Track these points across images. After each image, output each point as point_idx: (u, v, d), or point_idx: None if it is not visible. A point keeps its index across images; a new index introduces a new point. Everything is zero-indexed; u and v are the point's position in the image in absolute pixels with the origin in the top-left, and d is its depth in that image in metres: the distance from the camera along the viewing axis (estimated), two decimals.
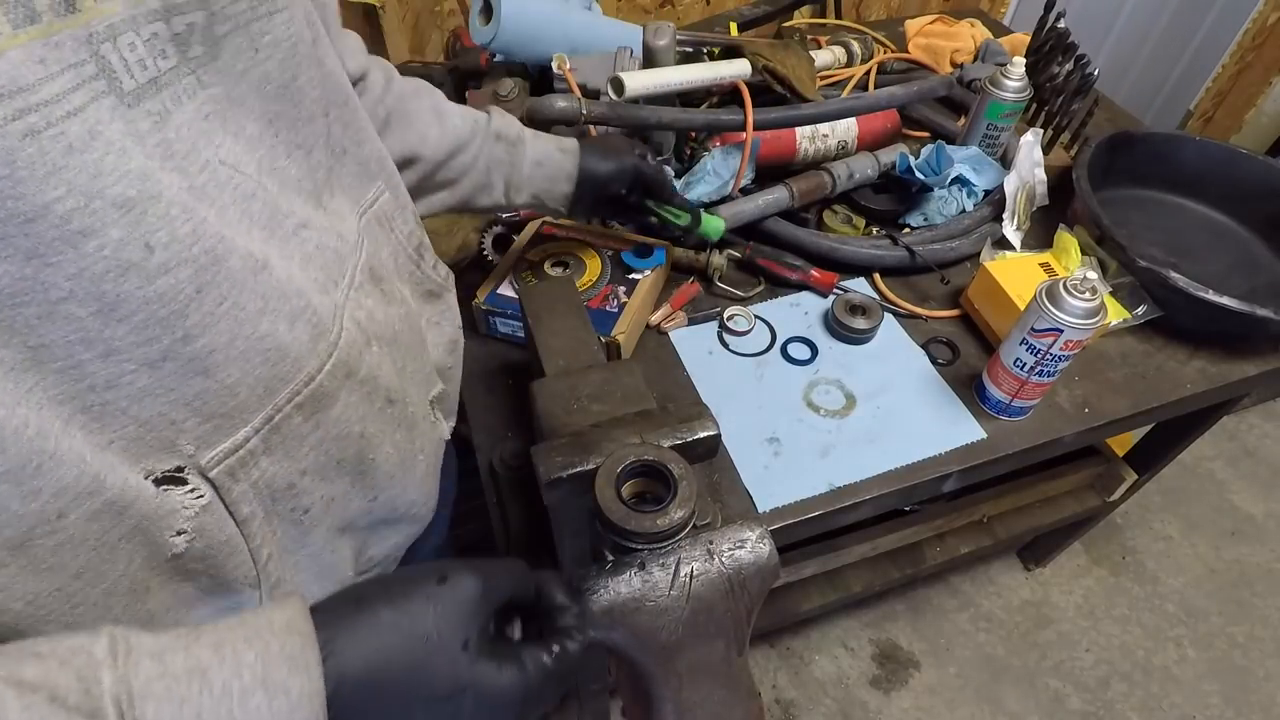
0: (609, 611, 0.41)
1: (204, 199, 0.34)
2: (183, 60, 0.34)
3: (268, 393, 0.38)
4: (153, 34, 0.32)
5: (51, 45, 0.28)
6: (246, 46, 0.37)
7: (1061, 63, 1.04)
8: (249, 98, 0.38)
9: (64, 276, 0.29)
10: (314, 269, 0.42)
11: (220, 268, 0.34)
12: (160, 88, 0.33)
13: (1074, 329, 0.66)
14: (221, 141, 0.36)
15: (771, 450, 0.73)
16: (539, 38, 1.00)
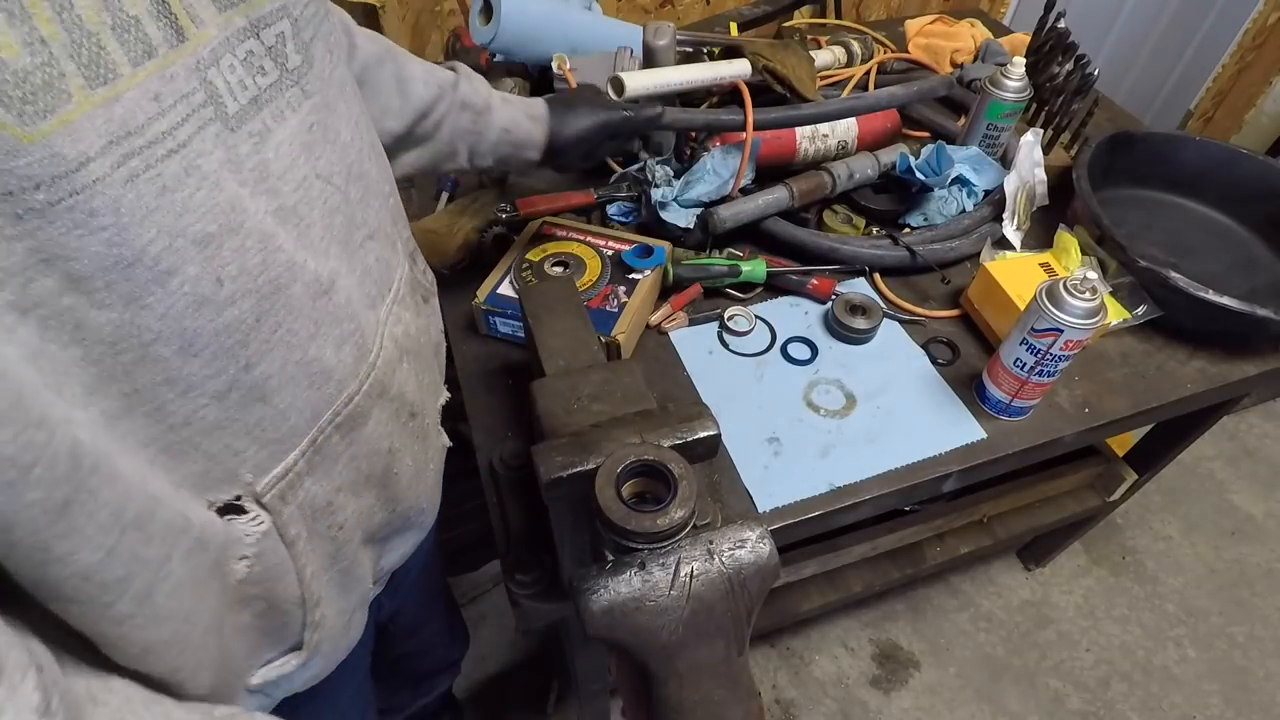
0: (609, 611, 0.41)
1: (289, 220, 0.35)
2: (284, 73, 0.34)
3: (314, 415, 0.39)
4: (248, 52, 0.32)
5: (166, 79, 0.28)
6: (324, 50, 0.37)
7: (1061, 63, 1.04)
8: (338, 102, 0.38)
9: (155, 318, 0.29)
10: (370, 283, 0.43)
11: (280, 295, 0.34)
12: (261, 105, 0.33)
13: (1074, 329, 0.66)
14: (323, 152, 0.36)
15: (771, 450, 0.73)
16: (539, 38, 1.00)
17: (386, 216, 0.46)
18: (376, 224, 0.44)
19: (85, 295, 0.27)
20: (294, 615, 0.42)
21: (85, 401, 0.28)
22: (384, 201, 0.46)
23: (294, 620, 0.42)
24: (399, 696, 0.98)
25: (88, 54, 0.25)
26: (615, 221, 0.92)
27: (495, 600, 1.48)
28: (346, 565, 0.46)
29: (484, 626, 1.44)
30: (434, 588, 0.90)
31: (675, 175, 0.89)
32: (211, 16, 0.30)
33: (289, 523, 0.39)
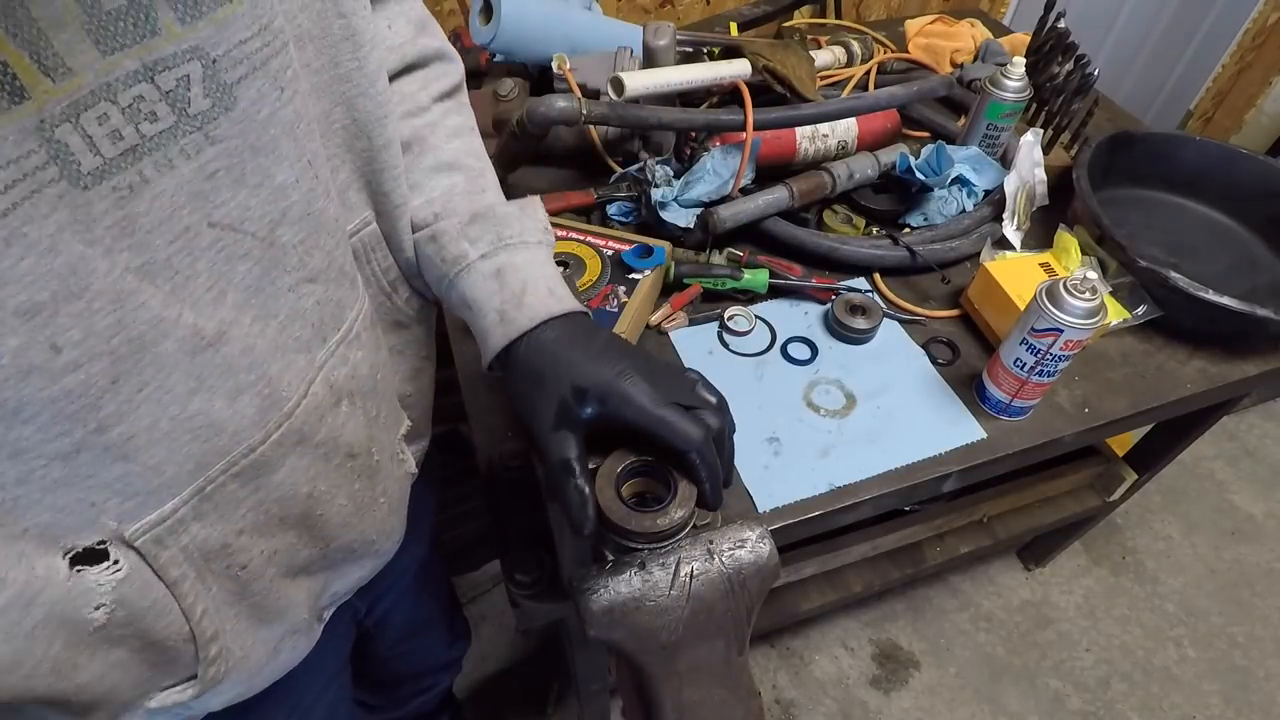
0: (609, 611, 0.41)
1: (161, 274, 0.32)
2: (182, 118, 0.31)
3: (199, 467, 0.37)
4: (136, 98, 0.29)
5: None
6: (270, 88, 0.34)
7: (1061, 63, 1.04)
8: (281, 143, 0.35)
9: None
10: (301, 326, 0.40)
11: (145, 354, 0.32)
12: (139, 156, 0.30)
13: (1074, 329, 0.66)
14: (229, 198, 0.34)
15: (771, 450, 0.73)
16: (539, 38, 1.00)
17: (346, 254, 0.43)
18: (323, 264, 0.40)
19: None
20: (183, 650, 0.40)
21: None
22: (343, 239, 0.43)
23: (184, 654, 0.41)
24: (399, 692, 0.98)
25: None
26: (615, 221, 0.92)
27: (495, 600, 1.48)
28: (260, 599, 0.44)
29: (484, 626, 1.44)
30: (433, 588, 0.90)
31: (675, 175, 0.89)
32: (89, 61, 0.27)
33: (169, 565, 0.37)
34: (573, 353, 0.46)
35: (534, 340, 0.47)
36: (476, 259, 0.49)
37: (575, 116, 0.80)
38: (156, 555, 0.36)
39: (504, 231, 0.50)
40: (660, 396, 0.44)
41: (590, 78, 0.96)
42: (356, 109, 0.43)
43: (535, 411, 0.46)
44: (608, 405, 0.44)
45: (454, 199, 0.52)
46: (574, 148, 0.99)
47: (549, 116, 0.80)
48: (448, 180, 0.52)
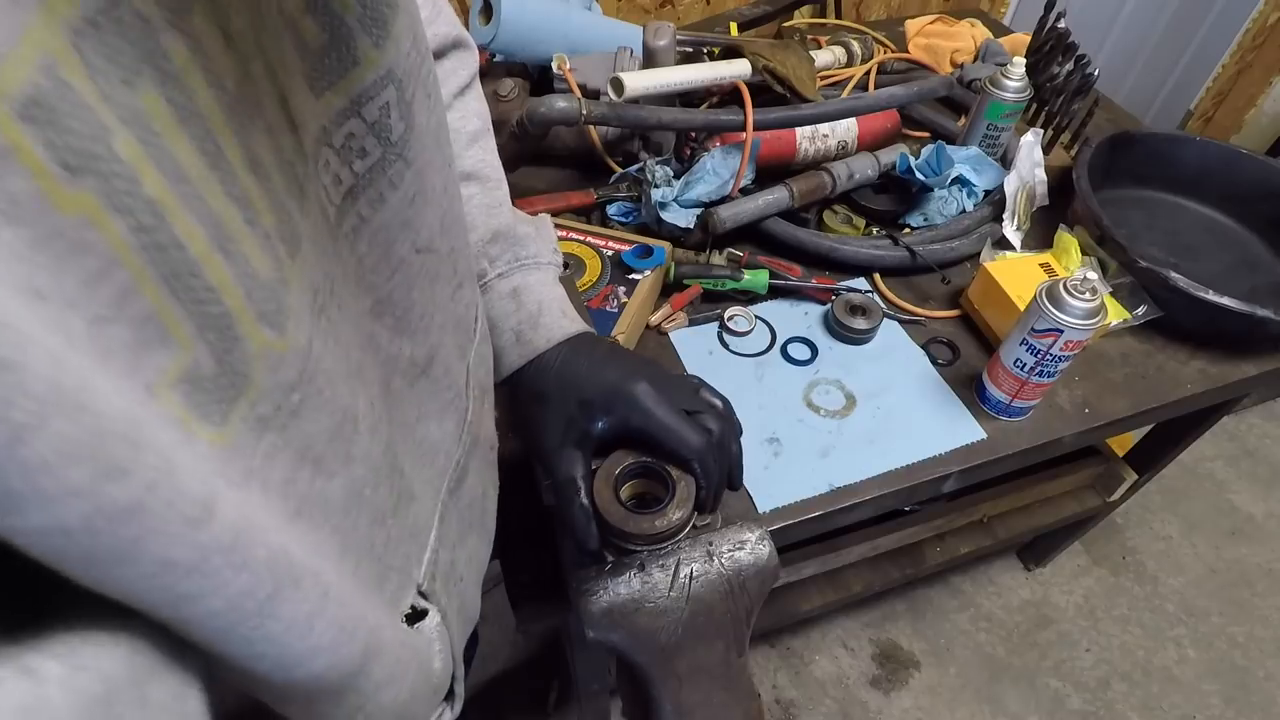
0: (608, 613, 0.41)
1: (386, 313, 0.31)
2: (388, 148, 0.29)
3: (434, 493, 0.37)
4: (347, 136, 0.27)
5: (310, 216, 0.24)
6: (424, 97, 0.32)
7: (1061, 63, 1.04)
8: (434, 152, 0.33)
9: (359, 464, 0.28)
10: (461, 334, 0.39)
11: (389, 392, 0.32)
12: (356, 196, 0.28)
13: (1074, 329, 0.66)
14: (423, 221, 0.32)
15: (771, 450, 0.73)
16: (539, 38, 1.00)
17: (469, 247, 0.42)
18: (467, 265, 0.39)
19: (324, 473, 0.25)
20: (448, 674, 0.41)
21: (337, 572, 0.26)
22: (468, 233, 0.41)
23: (448, 679, 0.41)
24: None
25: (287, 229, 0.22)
26: (615, 221, 0.92)
27: (495, 600, 1.47)
28: (469, 610, 0.44)
29: (484, 626, 1.42)
30: None
31: (675, 175, 0.89)
32: (310, 109, 0.24)
33: (440, 597, 0.38)
34: (577, 367, 0.47)
35: (540, 360, 0.48)
36: (494, 278, 0.50)
37: (575, 116, 0.80)
38: (434, 593, 0.37)
39: (521, 252, 0.51)
40: (665, 402, 0.45)
41: (590, 78, 0.96)
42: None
43: (541, 430, 0.47)
44: (614, 414, 0.45)
45: (471, 212, 0.52)
46: (574, 148, 0.99)
47: (549, 116, 0.80)
48: (466, 191, 0.52)
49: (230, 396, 0.20)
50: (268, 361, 0.21)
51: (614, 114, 0.83)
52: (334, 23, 0.25)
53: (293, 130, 0.23)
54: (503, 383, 0.50)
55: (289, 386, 0.22)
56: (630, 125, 0.91)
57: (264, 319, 0.20)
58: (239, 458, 0.20)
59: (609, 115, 0.83)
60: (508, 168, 0.92)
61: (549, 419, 0.47)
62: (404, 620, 0.34)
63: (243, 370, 0.20)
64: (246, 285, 0.19)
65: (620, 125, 0.93)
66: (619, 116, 0.84)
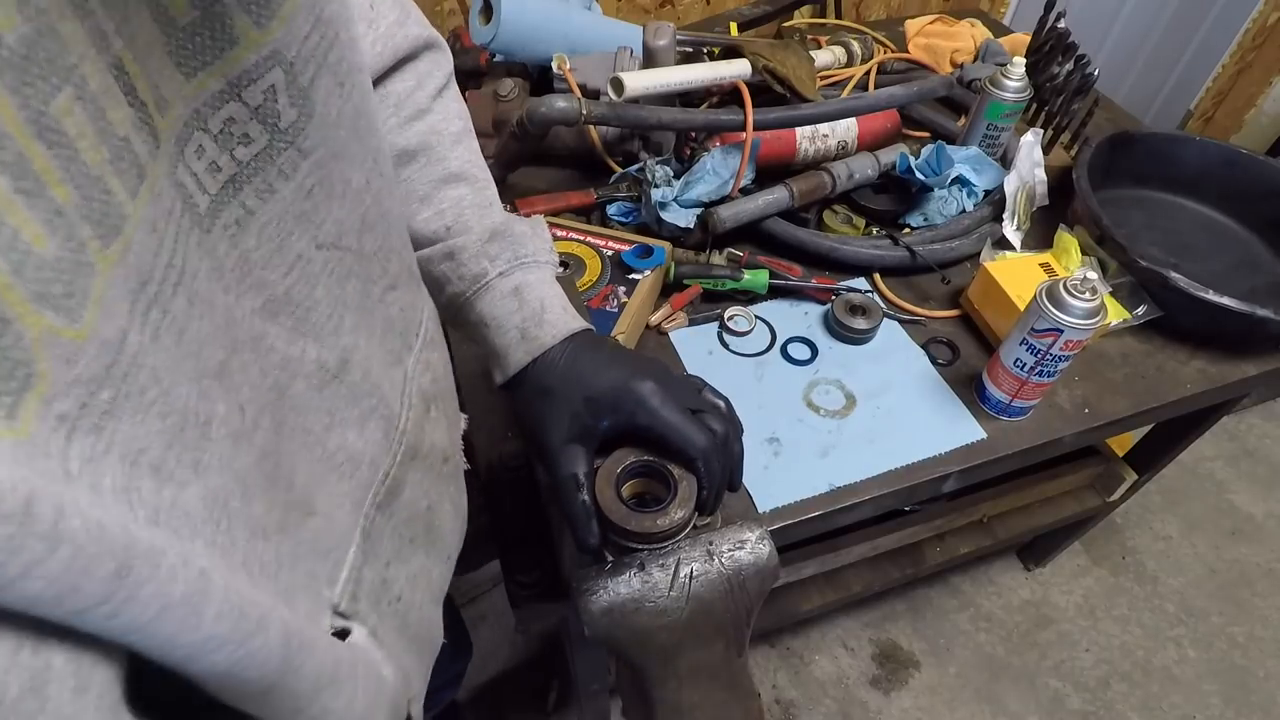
0: (608, 612, 0.41)
1: (282, 312, 0.29)
2: (275, 135, 0.27)
3: (355, 506, 0.35)
4: (226, 120, 0.25)
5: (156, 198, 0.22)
6: (332, 84, 0.30)
7: (1061, 63, 1.04)
8: (350, 144, 0.32)
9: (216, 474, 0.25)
10: (393, 338, 0.38)
11: (284, 399, 0.30)
12: (240, 186, 0.26)
13: (1074, 329, 0.66)
14: (327, 214, 0.30)
15: (771, 450, 0.73)
16: (539, 38, 1.00)
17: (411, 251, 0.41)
18: (399, 268, 0.38)
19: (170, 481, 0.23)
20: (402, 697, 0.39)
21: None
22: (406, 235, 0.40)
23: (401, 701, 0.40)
24: None
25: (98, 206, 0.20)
26: (615, 221, 0.92)
27: (495, 600, 1.48)
28: (415, 630, 0.42)
29: (484, 626, 1.44)
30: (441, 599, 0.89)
31: (675, 175, 0.89)
32: (176, 89, 0.23)
33: (366, 616, 0.36)
34: (583, 364, 0.47)
35: (545, 356, 0.47)
36: (495, 276, 0.49)
37: (575, 116, 0.80)
38: (358, 613, 0.35)
39: (520, 250, 0.50)
40: (671, 401, 0.45)
41: (590, 78, 0.96)
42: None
43: (545, 425, 0.46)
44: (620, 413, 0.45)
45: (464, 212, 0.51)
46: (574, 148, 0.99)
47: (549, 116, 0.80)
48: (455, 192, 0.51)
49: (14, 388, 0.18)
50: (57, 350, 0.19)
51: (614, 114, 0.83)
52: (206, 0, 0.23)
53: (138, 106, 0.21)
54: (505, 383, 0.49)
55: (94, 382, 0.20)
56: (630, 125, 0.91)
57: (43, 300, 0.18)
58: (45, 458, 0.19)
59: (609, 115, 0.83)
60: (508, 168, 0.93)
61: (554, 415, 0.46)
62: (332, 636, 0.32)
63: (21, 358, 0.18)
64: (13, 260, 0.18)
65: (620, 125, 0.93)
66: (619, 116, 0.84)
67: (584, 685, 1.00)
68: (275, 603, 0.26)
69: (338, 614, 0.33)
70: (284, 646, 0.25)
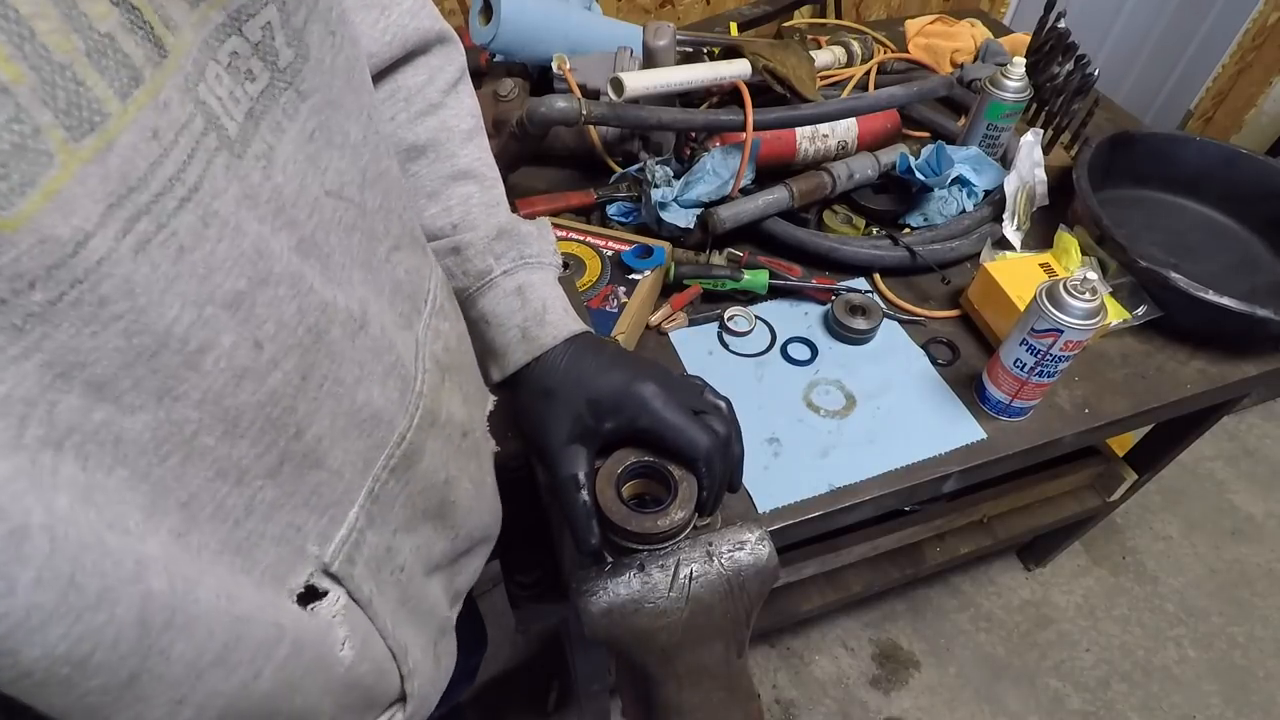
0: (608, 613, 0.41)
1: (312, 254, 0.29)
2: (275, 74, 0.27)
3: (368, 465, 0.34)
4: (232, 54, 0.25)
5: (161, 107, 0.21)
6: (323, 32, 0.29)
7: (1061, 63, 1.04)
8: (344, 95, 0.31)
9: (192, 406, 0.24)
10: (401, 300, 0.37)
11: (321, 344, 0.29)
12: (258, 120, 0.26)
13: (1074, 329, 0.66)
14: (329, 162, 0.30)
15: (771, 451, 0.73)
16: (539, 38, 1.00)
17: (414, 216, 0.41)
18: (403, 229, 0.38)
19: (113, 403, 0.22)
20: (392, 670, 0.39)
21: (147, 528, 0.23)
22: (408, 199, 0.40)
23: (392, 675, 0.39)
24: None
25: (64, 95, 0.19)
26: (615, 221, 0.92)
27: (495, 600, 1.48)
28: (415, 603, 0.42)
29: None
30: None
31: (675, 175, 0.89)
32: (183, 15, 0.23)
33: (360, 583, 0.35)
34: (584, 366, 0.47)
35: (546, 357, 0.47)
36: (500, 275, 0.49)
37: (575, 117, 0.80)
38: (350, 576, 0.34)
39: (525, 250, 0.50)
40: (673, 402, 0.45)
41: (590, 78, 0.96)
42: None
43: (546, 426, 0.46)
44: (622, 415, 0.45)
45: (472, 210, 0.51)
46: (574, 148, 0.99)
47: (549, 117, 0.80)
48: (464, 190, 0.51)
49: None
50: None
51: (614, 114, 0.83)
52: None
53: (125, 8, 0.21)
54: (504, 382, 0.49)
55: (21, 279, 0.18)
56: (630, 125, 0.91)
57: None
58: None
59: (609, 115, 0.83)
60: (508, 168, 0.93)
61: (555, 415, 0.46)
62: (294, 599, 0.31)
63: None
64: None
65: (620, 125, 0.93)
66: (619, 116, 0.84)
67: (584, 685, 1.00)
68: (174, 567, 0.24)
69: (328, 574, 0.32)
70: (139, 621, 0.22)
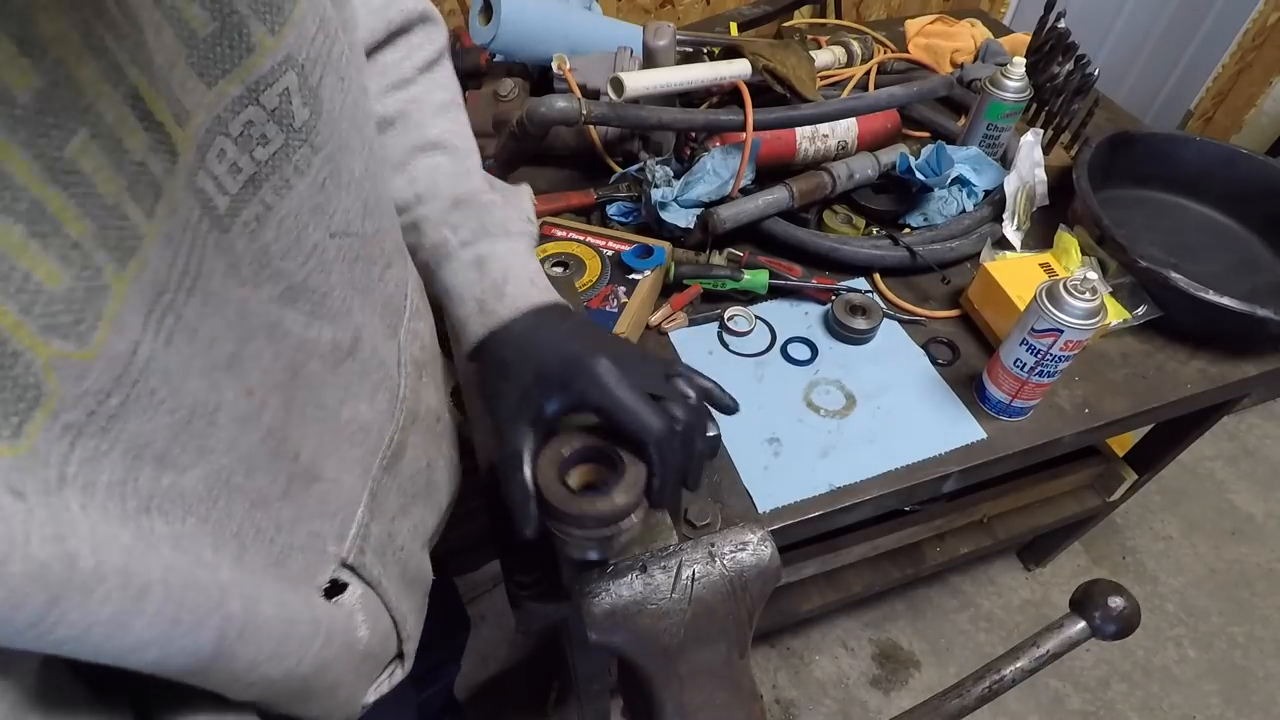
0: (610, 614, 0.41)
1: (301, 298, 0.32)
2: (290, 135, 0.29)
3: (364, 471, 0.39)
4: (246, 124, 0.27)
5: (172, 212, 0.24)
6: (335, 80, 0.31)
7: (1061, 63, 1.04)
8: (351, 135, 0.33)
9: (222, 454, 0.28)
10: (390, 313, 0.41)
11: (299, 378, 0.33)
12: (259, 184, 0.28)
13: (1074, 329, 0.66)
14: (338, 205, 0.33)
15: (771, 450, 0.73)
16: (539, 38, 1.00)
17: (398, 227, 0.44)
18: (393, 246, 0.41)
19: (173, 467, 0.26)
20: (392, 637, 0.44)
21: (218, 560, 0.28)
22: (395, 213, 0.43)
23: (392, 640, 0.44)
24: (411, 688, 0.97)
25: (114, 234, 0.22)
26: (615, 221, 0.92)
27: (495, 600, 1.48)
28: (414, 575, 0.47)
29: (484, 626, 1.44)
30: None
31: (675, 175, 0.89)
32: (199, 98, 0.25)
33: (371, 569, 0.40)
34: (540, 339, 0.44)
35: (505, 330, 0.45)
36: (457, 246, 0.47)
37: (575, 116, 0.80)
38: (363, 564, 0.39)
39: (486, 220, 0.48)
40: (627, 381, 0.41)
41: (590, 78, 0.96)
42: None
43: (497, 401, 0.44)
44: (570, 391, 0.42)
45: (438, 180, 0.49)
46: (574, 148, 0.99)
47: (549, 116, 0.80)
48: (431, 160, 0.49)
49: (23, 409, 0.20)
50: (66, 370, 0.21)
51: (614, 114, 0.83)
52: (224, 10, 0.25)
53: (154, 129, 0.23)
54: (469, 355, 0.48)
55: (102, 393, 0.22)
56: (630, 125, 0.91)
57: (51, 331, 0.20)
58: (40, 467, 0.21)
59: (609, 115, 0.83)
60: (508, 168, 0.93)
61: (505, 391, 0.44)
62: (322, 594, 0.36)
63: (30, 382, 0.20)
64: (22, 301, 0.19)
65: (620, 125, 0.93)
66: (619, 116, 0.84)
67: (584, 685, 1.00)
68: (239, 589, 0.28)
69: (345, 566, 0.38)
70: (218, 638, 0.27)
